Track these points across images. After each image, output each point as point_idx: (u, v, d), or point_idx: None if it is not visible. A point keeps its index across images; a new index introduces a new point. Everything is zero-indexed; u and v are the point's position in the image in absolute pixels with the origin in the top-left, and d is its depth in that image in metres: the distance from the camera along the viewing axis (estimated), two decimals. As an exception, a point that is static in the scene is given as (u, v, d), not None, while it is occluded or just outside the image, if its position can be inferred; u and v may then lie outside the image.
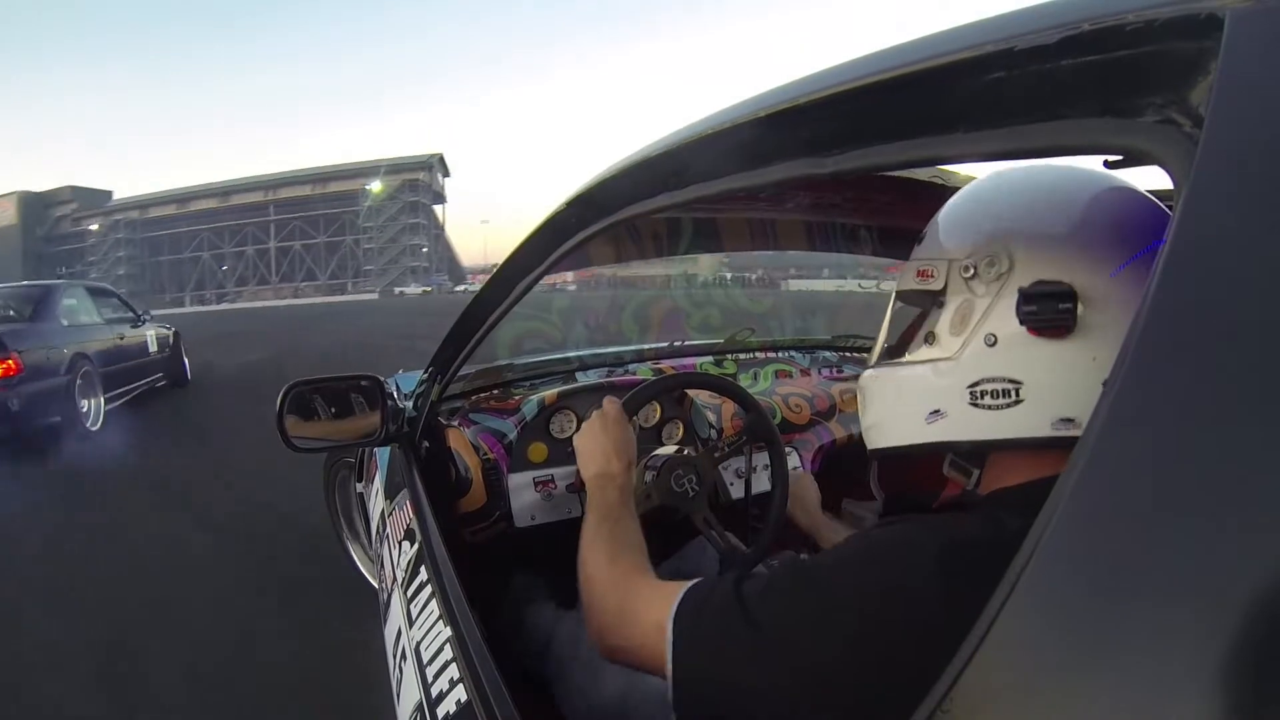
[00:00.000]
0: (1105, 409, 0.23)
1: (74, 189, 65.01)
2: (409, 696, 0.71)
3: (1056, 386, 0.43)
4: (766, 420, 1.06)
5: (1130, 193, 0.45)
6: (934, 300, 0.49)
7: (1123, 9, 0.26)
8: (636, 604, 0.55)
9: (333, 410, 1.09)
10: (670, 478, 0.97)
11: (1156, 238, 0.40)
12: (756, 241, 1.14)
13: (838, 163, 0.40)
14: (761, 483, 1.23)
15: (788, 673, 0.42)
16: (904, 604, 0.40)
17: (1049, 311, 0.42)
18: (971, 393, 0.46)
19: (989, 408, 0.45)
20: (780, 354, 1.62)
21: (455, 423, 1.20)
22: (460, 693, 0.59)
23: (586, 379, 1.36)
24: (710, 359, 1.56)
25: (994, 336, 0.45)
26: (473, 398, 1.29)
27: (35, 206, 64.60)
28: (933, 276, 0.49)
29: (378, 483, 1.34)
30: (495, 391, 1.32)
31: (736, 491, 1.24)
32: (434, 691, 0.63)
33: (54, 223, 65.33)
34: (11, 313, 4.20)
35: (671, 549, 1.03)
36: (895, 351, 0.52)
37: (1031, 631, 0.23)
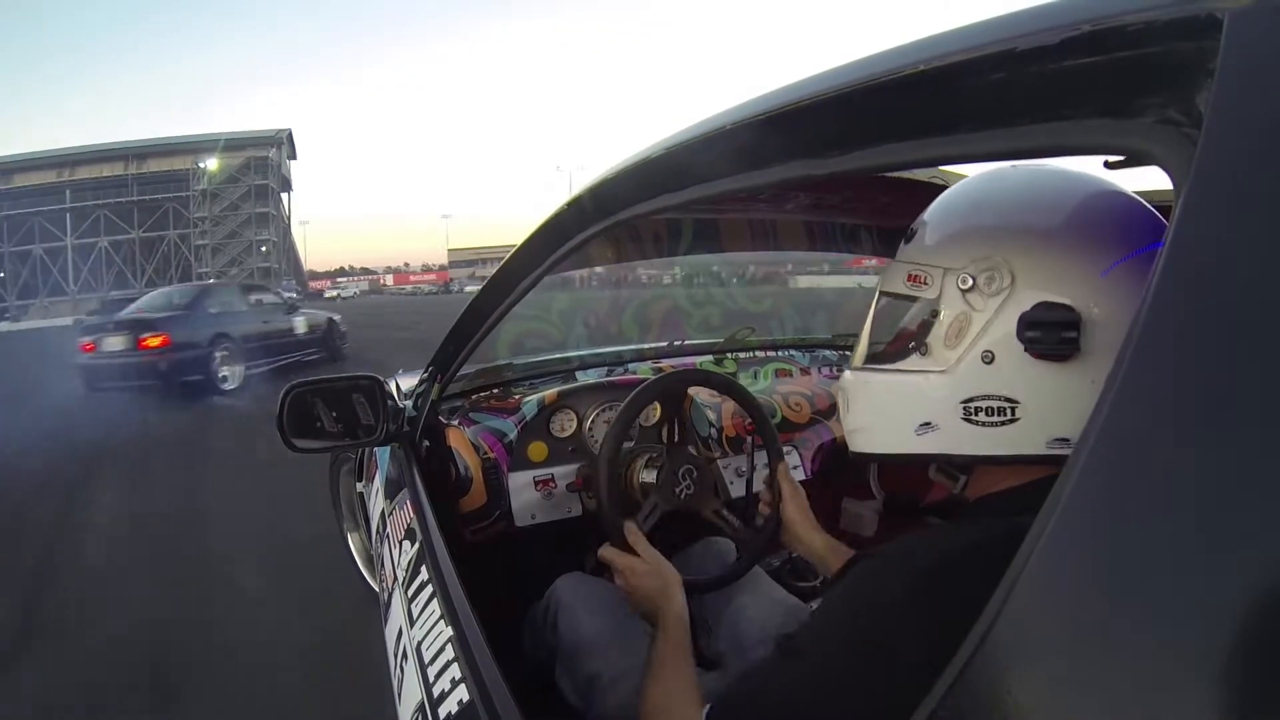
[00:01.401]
0: (1105, 408, 0.23)
1: None
2: (410, 696, 0.71)
3: (1054, 407, 0.42)
4: (765, 418, 1.06)
5: (1124, 196, 0.45)
6: (927, 308, 0.47)
7: (1122, 10, 0.26)
8: None
9: (333, 411, 1.09)
10: (671, 478, 0.97)
11: (1155, 240, 0.39)
12: (757, 242, 1.14)
13: (837, 163, 0.40)
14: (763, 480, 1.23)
15: None
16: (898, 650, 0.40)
17: (1052, 339, 0.41)
18: (965, 408, 0.45)
19: (982, 424, 0.44)
20: (780, 353, 1.62)
21: (455, 422, 1.20)
22: (462, 692, 0.59)
23: (586, 378, 1.36)
24: (710, 358, 1.56)
25: (991, 354, 0.44)
26: (473, 397, 1.29)
27: None
28: (926, 284, 0.47)
29: (377, 482, 1.34)
30: (495, 391, 1.32)
31: (736, 490, 1.24)
32: (436, 691, 0.63)
33: None
34: (173, 303, 6.15)
35: (675, 547, 1.03)
36: (883, 357, 0.51)
37: (1031, 631, 0.23)
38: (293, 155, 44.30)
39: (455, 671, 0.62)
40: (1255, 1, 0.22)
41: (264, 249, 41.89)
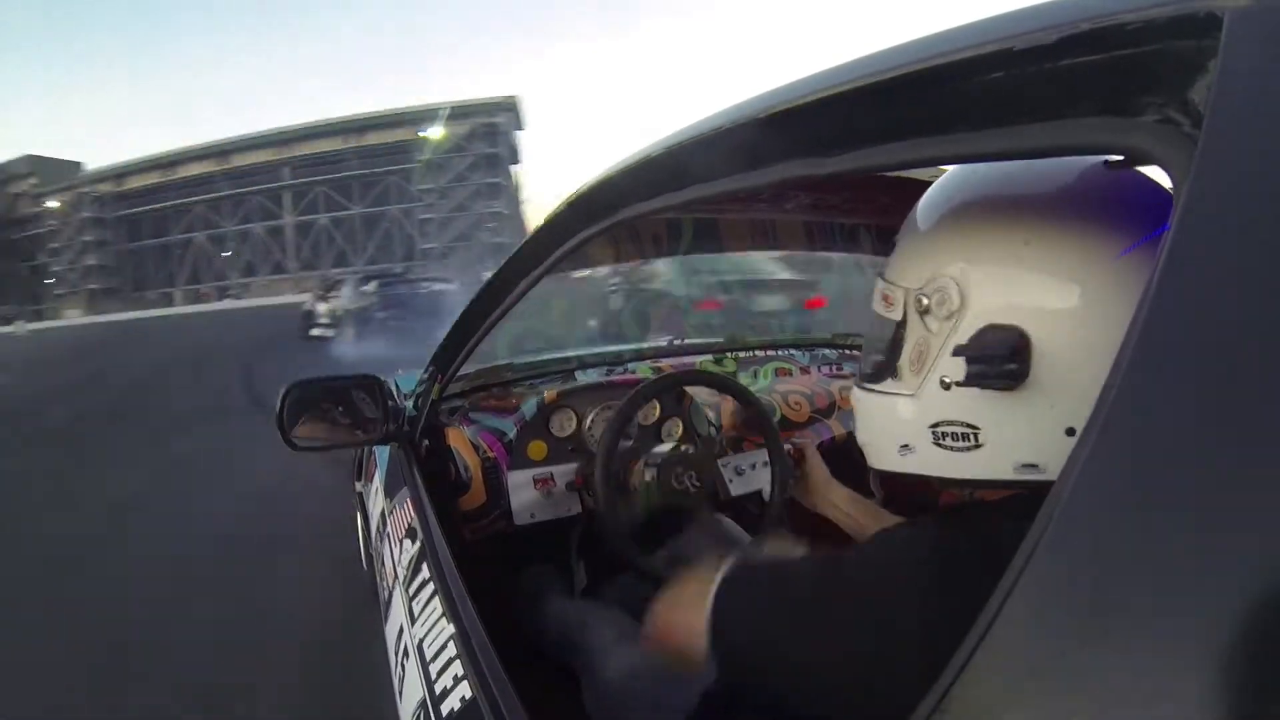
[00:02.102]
0: (1106, 408, 0.23)
1: (33, 159, 47.78)
2: (412, 694, 0.71)
3: (1016, 433, 0.41)
4: (765, 415, 1.06)
5: (1092, 196, 0.41)
6: (896, 330, 0.46)
7: (1122, 8, 0.26)
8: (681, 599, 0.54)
9: (333, 409, 1.09)
10: (670, 477, 0.97)
11: (1130, 240, 0.38)
12: (756, 242, 1.14)
13: (837, 163, 0.40)
14: (762, 479, 1.23)
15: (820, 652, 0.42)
16: (939, 605, 0.38)
17: (994, 371, 0.40)
18: (934, 433, 0.44)
19: (951, 449, 0.44)
20: (780, 352, 1.62)
21: (455, 421, 1.20)
22: (465, 689, 0.59)
23: (586, 378, 1.36)
24: (710, 357, 1.56)
25: (947, 380, 0.43)
26: (472, 397, 1.29)
27: None
28: (892, 305, 0.46)
29: (377, 481, 1.34)
30: (495, 390, 1.32)
31: (736, 488, 1.24)
32: (438, 689, 0.63)
33: (10, 202, 47.80)
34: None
35: (670, 536, 1.03)
36: (871, 376, 0.50)
37: (1031, 631, 0.23)
38: (520, 125, 39.37)
39: (457, 669, 0.62)
40: (1255, 0, 0.22)
41: (492, 223, 36.49)
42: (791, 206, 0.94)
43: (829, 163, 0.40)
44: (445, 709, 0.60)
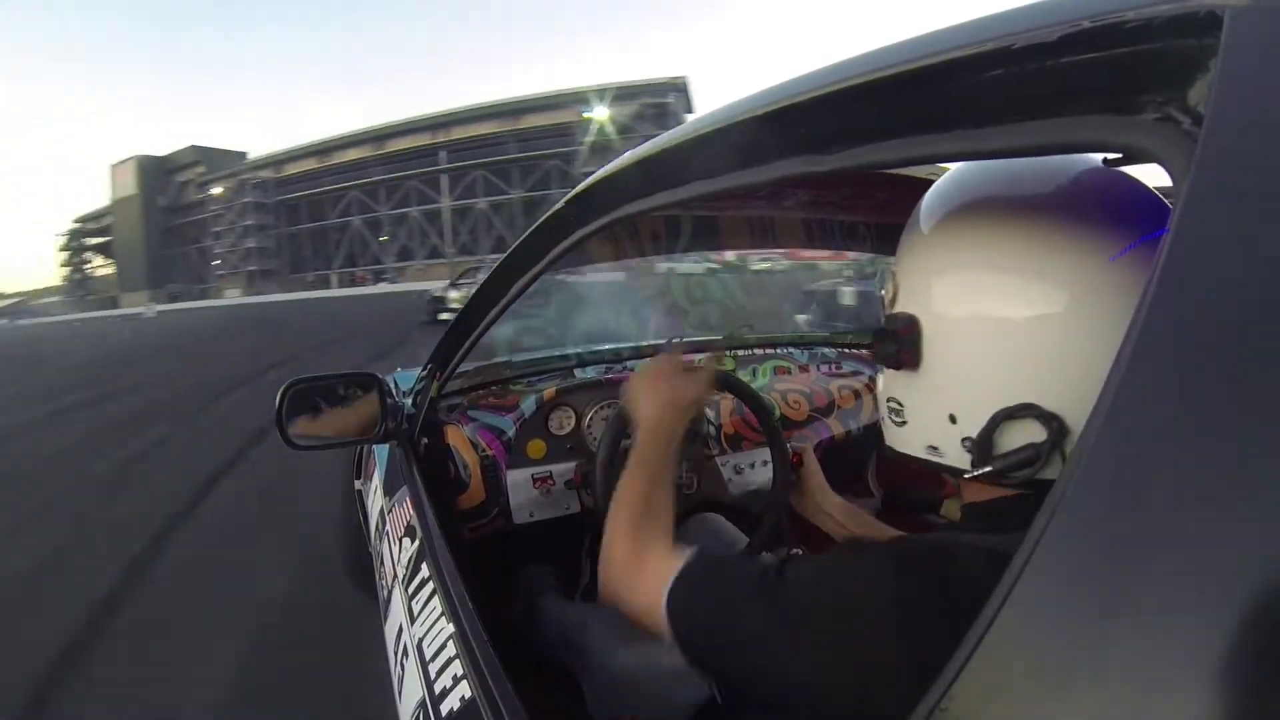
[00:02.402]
0: (1105, 407, 0.23)
1: (198, 149, 51.90)
2: (411, 693, 0.71)
3: (921, 414, 0.47)
4: (766, 413, 1.06)
5: (999, 197, 0.44)
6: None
7: (1122, 6, 0.26)
8: (645, 570, 0.54)
9: (332, 408, 1.09)
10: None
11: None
12: (756, 240, 1.14)
13: (836, 160, 0.40)
14: (761, 478, 1.23)
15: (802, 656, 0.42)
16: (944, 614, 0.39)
17: (886, 349, 0.46)
18: (886, 406, 0.50)
19: (894, 423, 0.49)
20: (779, 350, 1.62)
21: (454, 420, 1.20)
22: (464, 689, 0.59)
23: (585, 375, 1.36)
24: (709, 355, 1.56)
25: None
26: (471, 394, 1.29)
27: (157, 173, 53.04)
28: (884, 292, 0.52)
29: (376, 480, 1.34)
30: (494, 388, 1.32)
31: (735, 487, 1.24)
32: (437, 688, 0.63)
33: (178, 190, 52.66)
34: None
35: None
36: None
37: (1030, 631, 0.23)
38: (690, 108, 37.00)
39: (457, 668, 0.62)
40: (1256, 0, 0.22)
41: (661, 210, 36.01)
42: (791, 204, 0.94)
43: (829, 160, 0.40)
44: (445, 709, 0.60)
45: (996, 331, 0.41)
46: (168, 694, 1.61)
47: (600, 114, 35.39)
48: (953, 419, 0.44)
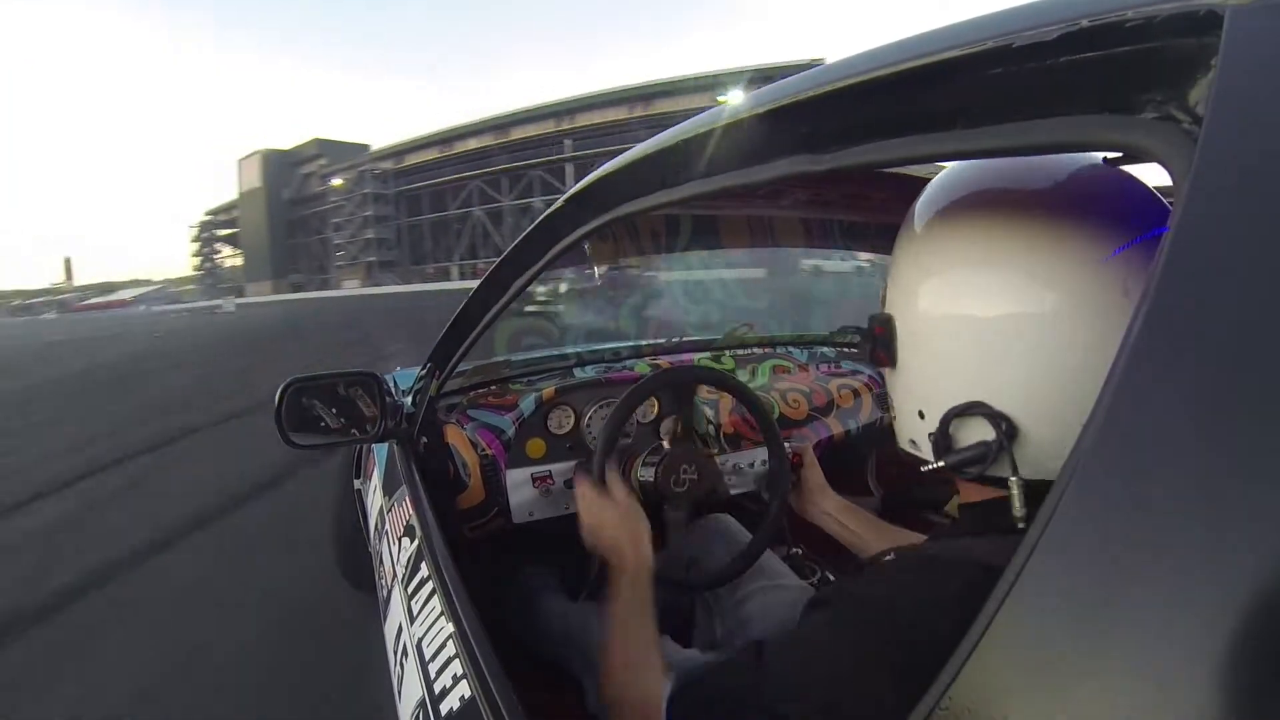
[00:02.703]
0: (1104, 407, 0.23)
1: (321, 142, 52.11)
2: (411, 693, 0.71)
3: (899, 410, 0.50)
4: (765, 413, 1.06)
5: (974, 199, 0.45)
6: None
7: (1122, 6, 0.26)
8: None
9: (331, 407, 1.09)
10: (669, 475, 0.97)
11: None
12: (755, 238, 1.14)
13: (835, 159, 0.40)
14: (761, 477, 1.23)
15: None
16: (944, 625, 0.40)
17: (863, 347, 0.50)
18: (884, 400, 0.53)
19: (891, 417, 0.52)
20: (778, 350, 1.62)
21: (453, 419, 1.20)
22: (464, 688, 0.59)
23: (584, 374, 1.36)
24: (708, 355, 1.56)
25: None
26: (470, 394, 1.29)
27: (281, 166, 53.72)
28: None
29: (375, 479, 1.34)
30: (493, 387, 1.32)
31: (735, 487, 1.24)
32: (437, 688, 0.63)
33: (301, 182, 53.17)
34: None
35: (669, 535, 1.03)
36: None
37: (1030, 631, 0.23)
38: None
39: (456, 668, 0.62)
40: None
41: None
42: (790, 203, 0.94)
43: (829, 158, 0.40)
44: (444, 708, 0.60)
45: (962, 331, 0.43)
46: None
47: (736, 98, 32.88)
48: (920, 415, 0.47)
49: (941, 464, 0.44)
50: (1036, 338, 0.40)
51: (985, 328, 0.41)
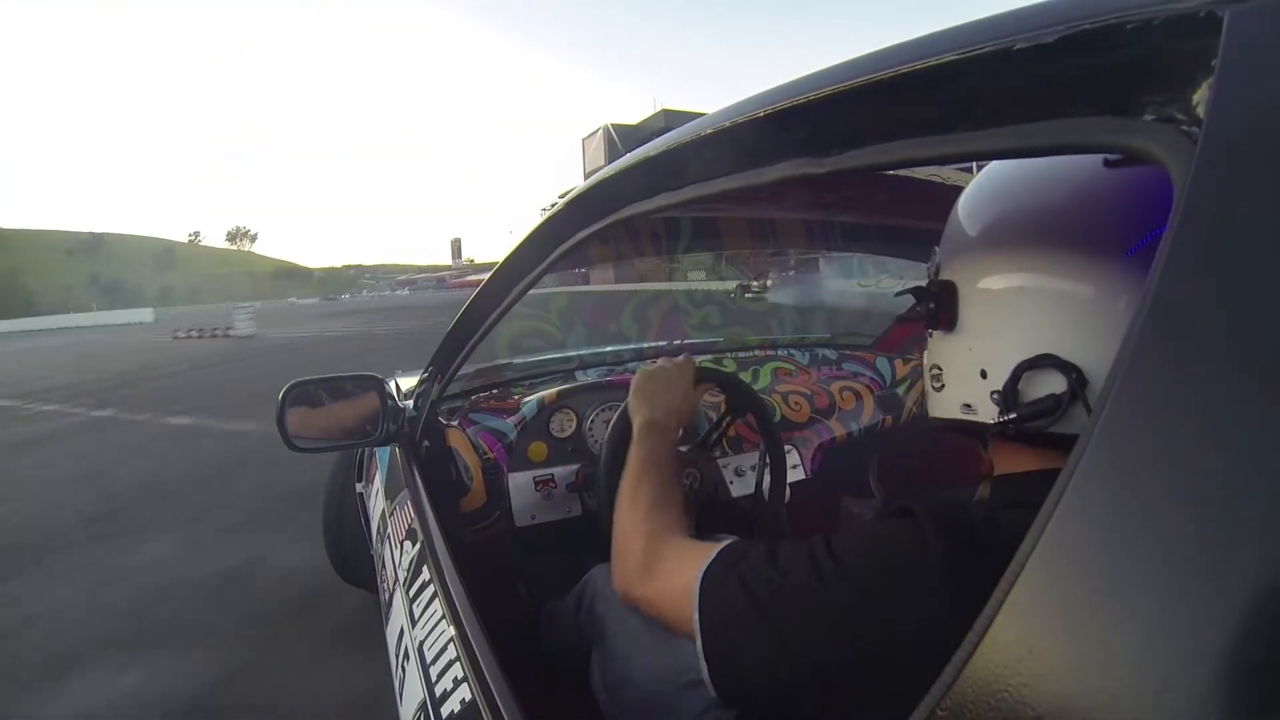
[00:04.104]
0: (1106, 407, 0.23)
1: (668, 114, 47.89)
2: (412, 696, 0.71)
3: (955, 374, 0.50)
4: (766, 416, 1.06)
5: (1026, 190, 0.48)
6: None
7: (1122, 8, 0.26)
8: (667, 562, 0.56)
9: (333, 410, 1.09)
10: None
11: (1054, 233, 0.45)
12: (756, 241, 1.14)
13: (837, 161, 0.40)
14: (763, 480, 1.23)
15: (794, 664, 0.43)
16: (910, 599, 0.40)
17: (921, 309, 0.51)
18: (930, 375, 0.54)
19: (935, 389, 0.53)
20: (779, 352, 1.62)
21: (455, 422, 1.20)
22: (465, 691, 0.59)
23: (586, 378, 1.36)
24: (709, 358, 1.56)
25: (930, 330, 0.53)
26: (472, 397, 1.29)
27: (626, 142, 47.71)
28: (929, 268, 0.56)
29: (378, 483, 1.34)
30: (495, 391, 1.32)
31: (736, 489, 1.24)
32: (438, 691, 0.64)
33: None
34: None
35: None
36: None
37: (1031, 630, 0.23)
38: None
39: (457, 671, 0.62)
40: (1256, 0, 0.22)
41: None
42: (791, 205, 0.94)
43: (829, 161, 0.40)
44: (445, 711, 0.60)
45: (1025, 297, 0.45)
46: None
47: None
48: (983, 374, 0.47)
49: (1013, 416, 0.44)
50: (1103, 302, 0.42)
51: (1053, 292, 0.44)
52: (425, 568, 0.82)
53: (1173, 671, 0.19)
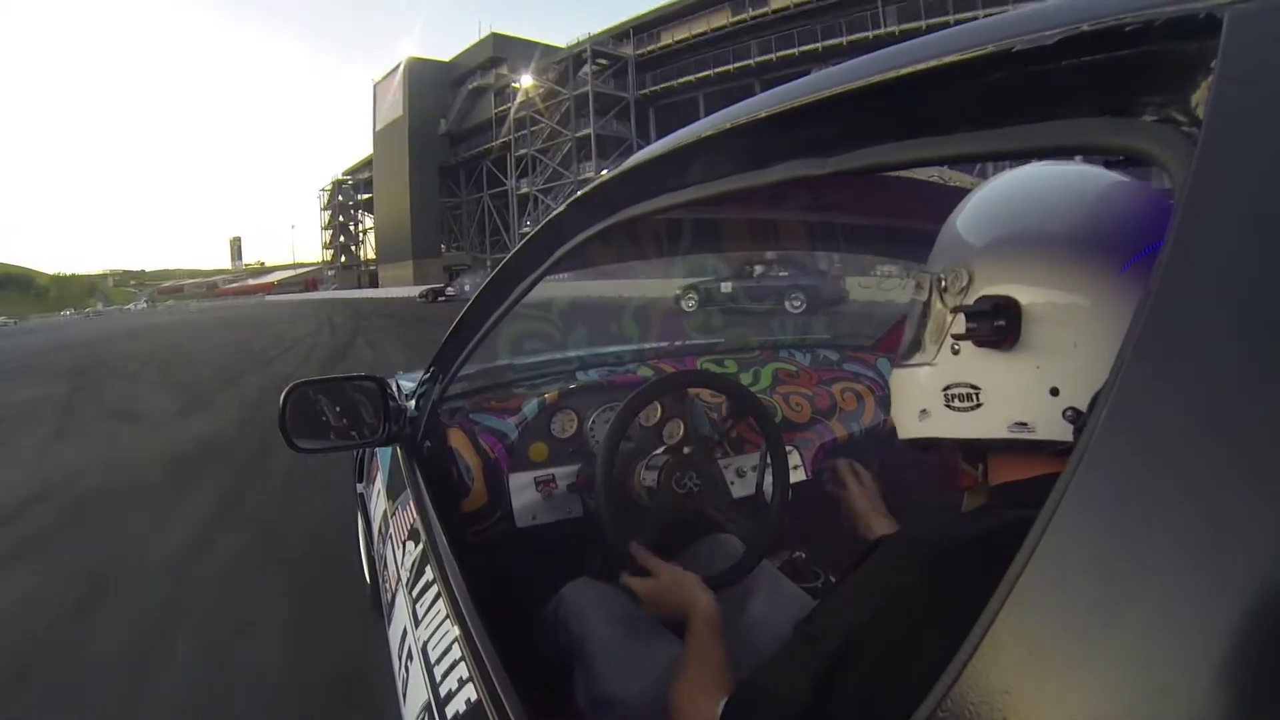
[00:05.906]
0: (1106, 408, 0.23)
1: (498, 39, 33.80)
2: (416, 696, 0.71)
3: (1009, 393, 0.47)
4: (767, 417, 1.06)
5: (1094, 203, 0.46)
6: (924, 310, 0.54)
7: (1121, 9, 0.26)
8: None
9: (335, 410, 1.09)
10: (672, 479, 0.97)
11: (1126, 249, 0.43)
12: (757, 241, 1.14)
13: (837, 163, 0.40)
14: (764, 481, 1.23)
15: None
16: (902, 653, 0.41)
17: (986, 328, 0.47)
18: (945, 395, 0.50)
19: (958, 409, 0.50)
20: (780, 353, 1.62)
21: (456, 423, 1.20)
22: (470, 691, 0.59)
23: (587, 378, 1.36)
24: (710, 358, 1.56)
25: (958, 346, 0.49)
26: (474, 398, 1.29)
27: (434, 85, 35.44)
28: (922, 289, 0.54)
29: (379, 483, 1.35)
30: (496, 391, 1.32)
31: (737, 490, 1.24)
32: (442, 691, 0.64)
33: (467, 105, 34.98)
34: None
35: (679, 547, 1.03)
36: (903, 354, 0.57)
37: (1031, 631, 0.23)
38: None
39: (462, 671, 0.62)
40: (1254, 1, 0.22)
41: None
42: (792, 206, 0.94)
43: (829, 162, 0.40)
44: (451, 711, 0.60)
45: (1106, 311, 0.43)
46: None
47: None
48: (1054, 391, 0.46)
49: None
50: None
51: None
52: (428, 568, 0.82)
53: (1173, 672, 0.19)
